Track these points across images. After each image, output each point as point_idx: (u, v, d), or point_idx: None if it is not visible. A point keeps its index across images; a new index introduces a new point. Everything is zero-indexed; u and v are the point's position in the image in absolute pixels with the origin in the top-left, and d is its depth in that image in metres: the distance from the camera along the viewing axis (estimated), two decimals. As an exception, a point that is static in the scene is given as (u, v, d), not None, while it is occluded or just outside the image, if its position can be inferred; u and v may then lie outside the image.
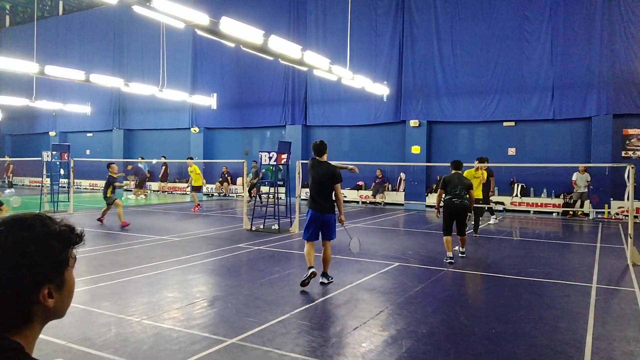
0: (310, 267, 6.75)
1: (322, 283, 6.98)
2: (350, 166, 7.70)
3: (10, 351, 1.07)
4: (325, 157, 7.11)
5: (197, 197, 18.08)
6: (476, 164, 12.50)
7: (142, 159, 23.68)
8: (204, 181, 19.09)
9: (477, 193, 12.36)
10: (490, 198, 13.87)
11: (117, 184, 13.26)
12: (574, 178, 16.37)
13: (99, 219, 13.27)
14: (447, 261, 8.57)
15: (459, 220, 8.98)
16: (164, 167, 25.09)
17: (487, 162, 12.72)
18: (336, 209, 6.99)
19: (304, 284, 6.71)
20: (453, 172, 9.09)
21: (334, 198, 6.96)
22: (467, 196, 8.94)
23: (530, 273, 7.91)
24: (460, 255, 9.16)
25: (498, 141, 18.65)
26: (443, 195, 9.05)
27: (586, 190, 16.32)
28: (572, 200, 16.56)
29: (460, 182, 8.92)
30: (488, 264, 8.88)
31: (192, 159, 19.19)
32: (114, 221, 13.97)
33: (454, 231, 9.04)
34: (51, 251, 1.12)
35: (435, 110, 19.22)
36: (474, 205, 12.62)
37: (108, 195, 13.04)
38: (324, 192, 6.90)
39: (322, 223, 6.92)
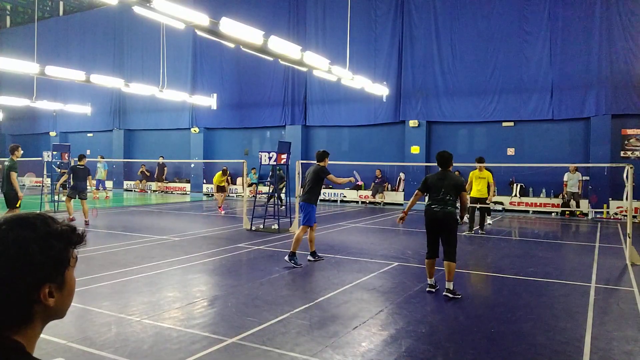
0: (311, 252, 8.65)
1: (309, 260, 8.49)
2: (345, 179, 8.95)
3: (11, 350, 1.08)
4: (323, 164, 8.53)
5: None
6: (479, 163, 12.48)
7: (102, 157, 23.20)
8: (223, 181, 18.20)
9: (484, 192, 12.38)
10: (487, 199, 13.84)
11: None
12: (565, 179, 16.36)
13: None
14: (427, 290, 6.59)
15: (444, 235, 6.47)
16: (162, 168, 25.04)
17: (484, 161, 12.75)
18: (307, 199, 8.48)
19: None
20: (440, 169, 6.80)
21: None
22: (457, 199, 6.63)
23: (529, 273, 7.91)
24: (445, 293, 6.34)
25: (497, 141, 18.66)
26: (424, 198, 6.81)
27: (578, 190, 16.27)
28: (565, 200, 16.55)
29: (445, 184, 6.53)
30: (487, 264, 8.88)
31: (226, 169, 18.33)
32: (112, 220, 13.98)
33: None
34: (52, 250, 1.13)
35: (434, 110, 19.22)
36: (482, 205, 12.55)
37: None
38: (311, 184, 8.41)
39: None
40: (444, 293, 6.35)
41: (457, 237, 6.56)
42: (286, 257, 8.16)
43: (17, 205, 10.58)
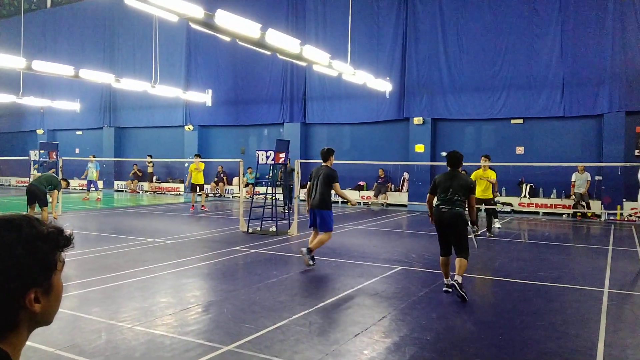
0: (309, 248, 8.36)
1: (300, 251, 8.41)
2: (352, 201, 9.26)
3: (-4, 359, 1.08)
4: (329, 162, 8.52)
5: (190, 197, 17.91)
6: (483, 162, 12.47)
7: (94, 157, 22.95)
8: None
9: (488, 194, 12.40)
10: (495, 199, 13.82)
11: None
12: (572, 179, 16.36)
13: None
14: (444, 289, 6.89)
15: (453, 235, 6.75)
16: (151, 167, 25.04)
17: (490, 160, 12.74)
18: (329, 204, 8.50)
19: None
20: (449, 169, 7.10)
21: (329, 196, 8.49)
22: (466, 201, 6.89)
23: (539, 277, 7.91)
24: (453, 281, 6.54)
25: (506, 139, 18.65)
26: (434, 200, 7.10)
27: (583, 191, 16.25)
28: (575, 201, 16.54)
29: (453, 184, 6.79)
30: (495, 268, 8.88)
31: (199, 156, 18.56)
32: (102, 222, 14.00)
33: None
34: (38, 253, 1.12)
35: (440, 107, 19.22)
36: (487, 206, 12.57)
37: None
38: (322, 190, 8.38)
39: (314, 215, 8.48)
40: (452, 281, 6.53)
41: (467, 238, 6.78)
42: (304, 249, 8.26)
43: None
